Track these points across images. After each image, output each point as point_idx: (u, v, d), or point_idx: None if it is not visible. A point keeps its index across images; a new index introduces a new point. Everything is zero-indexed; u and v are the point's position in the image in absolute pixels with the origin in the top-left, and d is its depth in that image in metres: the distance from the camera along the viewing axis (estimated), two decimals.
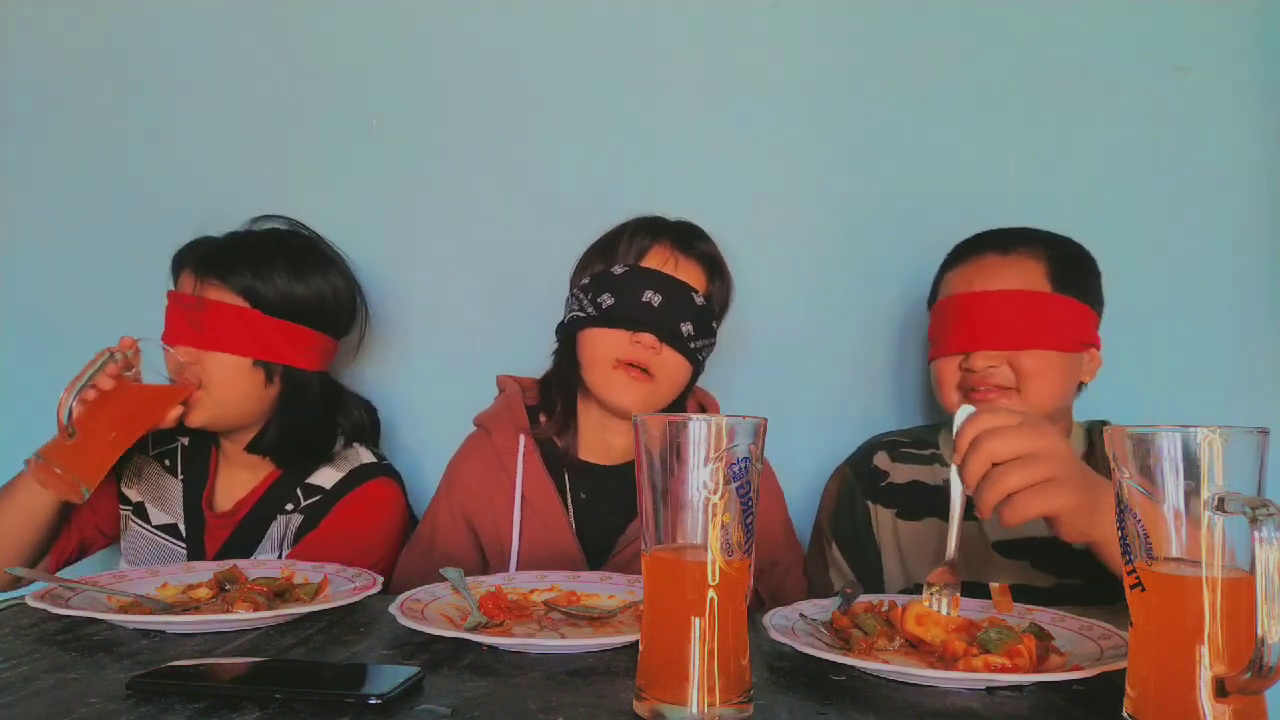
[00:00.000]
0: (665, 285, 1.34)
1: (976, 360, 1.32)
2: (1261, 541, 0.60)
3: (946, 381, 1.37)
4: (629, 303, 1.33)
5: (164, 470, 1.52)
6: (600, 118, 1.75)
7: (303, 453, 1.49)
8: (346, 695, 0.74)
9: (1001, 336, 1.31)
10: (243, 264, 1.43)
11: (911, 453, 1.46)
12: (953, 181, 1.68)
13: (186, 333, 1.40)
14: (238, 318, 1.41)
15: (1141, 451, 0.67)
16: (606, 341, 1.35)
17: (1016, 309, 1.31)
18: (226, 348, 1.40)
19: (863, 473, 1.46)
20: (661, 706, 0.70)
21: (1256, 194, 1.63)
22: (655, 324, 1.33)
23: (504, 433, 1.43)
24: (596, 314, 1.35)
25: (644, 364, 1.34)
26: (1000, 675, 0.80)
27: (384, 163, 1.79)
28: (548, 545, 1.38)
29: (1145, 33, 1.66)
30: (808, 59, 1.72)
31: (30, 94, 1.87)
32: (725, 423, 0.71)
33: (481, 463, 1.43)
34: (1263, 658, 0.60)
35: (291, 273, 1.46)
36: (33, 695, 0.77)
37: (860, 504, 1.44)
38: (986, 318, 1.32)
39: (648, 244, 1.38)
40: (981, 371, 1.32)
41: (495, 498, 1.40)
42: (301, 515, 1.47)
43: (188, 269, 1.45)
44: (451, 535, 1.41)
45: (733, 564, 0.71)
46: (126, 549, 1.51)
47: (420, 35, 1.79)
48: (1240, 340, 1.62)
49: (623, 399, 1.35)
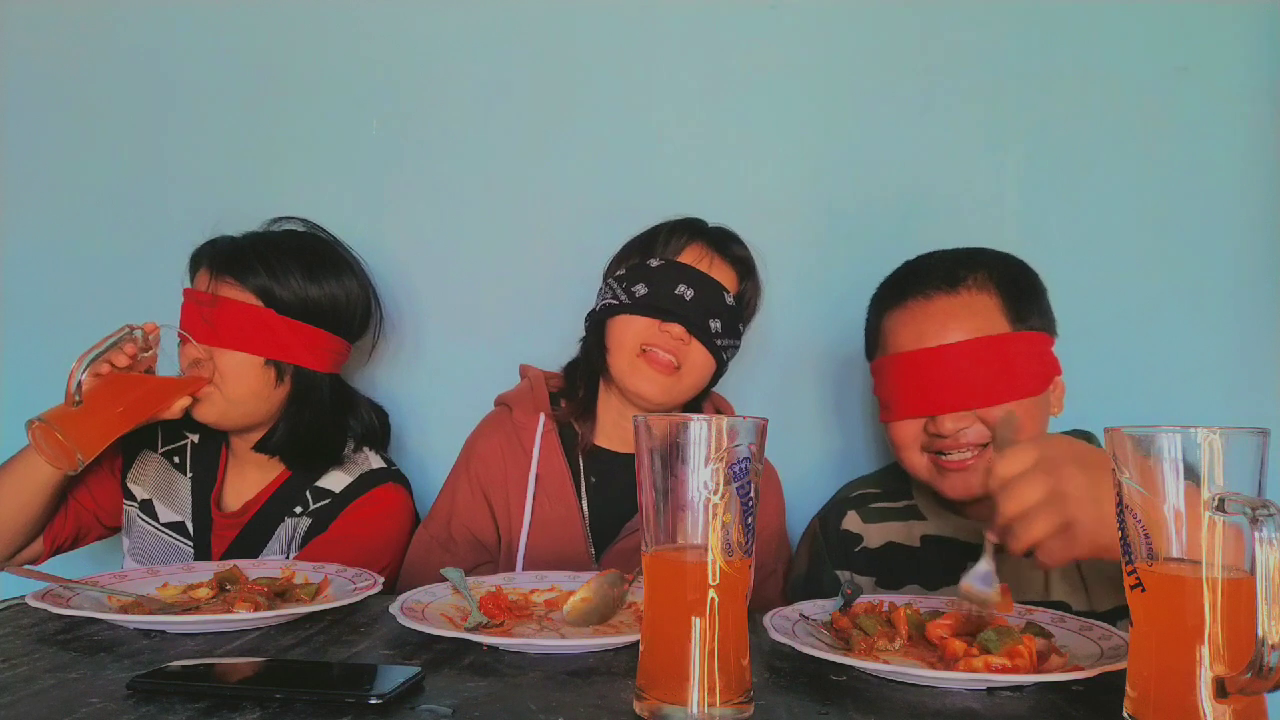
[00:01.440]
0: (699, 281, 1.36)
1: (945, 424, 1.21)
2: (1261, 542, 0.60)
3: (908, 444, 1.27)
4: (662, 293, 1.35)
5: (173, 468, 1.52)
6: (601, 118, 1.75)
7: (311, 454, 1.49)
8: (346, 695, 0.74)
9: (968, 395, 1.20)
10: (258, 264, 1.43)
11: (885, 508, 1.37)
12: (953, 182, 1.68)
13: (200, 329, 1.40)
14: (251, 316, 1.41)
15: (1141, 451, 0.67)
16: (635, 328, 1.37)
17: (980, 362, 1.20)
18: (239, 345, 1.41)
19: (832, 536, 1.38)
20: (662, 706, 0.70)
21: (1256, 194, 1.63)
22: (686, 316, 1.35)
23: (525, 411, 1.46)
24: (629, 301, 1.37)
25: (672, 352, 1.36)
26: (1000, 675, 0.80)
27: (384, 163, 1.79)
28: (557, 525, 1.40)
29: (1146, 33, 1.66)
30: (808, 59, 1.72)
31: (31, 94, 1.86)
32: (726, 423, 0.71)
33: (500, 437, 1.45)
34: (1263, 658, 0.60)
35: (307, 274, 1.46)
36: (33, 695, 0.77)
37: (829, 575, 1.36)
38: (947, 377, 1.20)
39: (685, 241, 1.40)
40: (953, 435, 1.21)
41: (510, 473, 1.43)
42: (310, 518, 1.46)
43: (204, 267, 1.45)
44: (470, 509, 1.43)
45: (733, 564, 0.71)
46: (132, 546, 1.50)
47: (422, 36, 1.79)
48: (1240, 340, 1.62)
49: (645, 386, 1.37)
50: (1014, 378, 1.21)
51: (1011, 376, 1.20)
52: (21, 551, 1.43)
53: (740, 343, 1.45)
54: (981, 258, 1.28)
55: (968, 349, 1.20)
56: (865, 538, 1.36)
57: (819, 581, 1.37)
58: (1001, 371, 1.20)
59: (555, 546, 1.37)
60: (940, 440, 1.22)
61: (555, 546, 1.37)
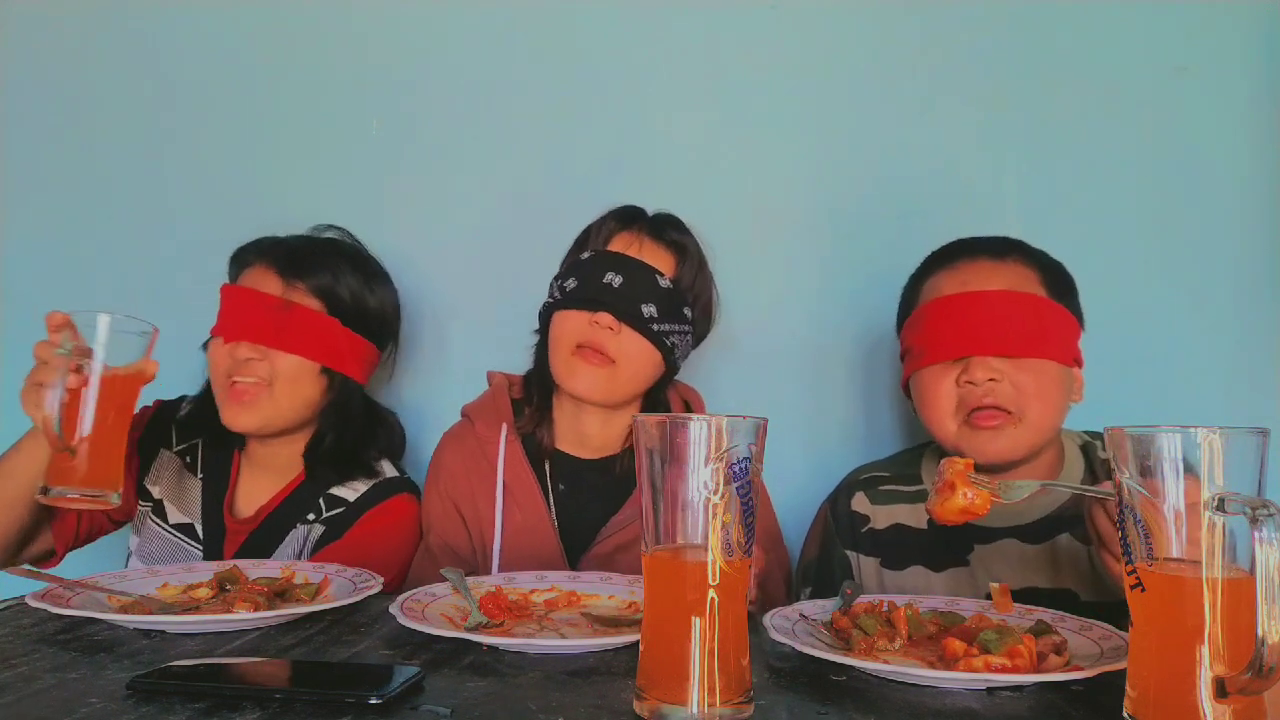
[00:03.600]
0: (625, 266, 1.34)
1: (977, 371, 1.21)
2: (1261, 541, 0.60)
3: (939, 401, 1.26)
4: (590, 284, 1.34)
5: (184, 467, 1.50)
6: (601, 118, 1.75)
7: (350, 464, 1.47)
8: (346, 695, 0.74)
9: (1004, 341, 1.21)
10: (326, 272, 1.44)
11: (894, 490, 1.38)
12: (953, 182, 1.68)
13: (266, 331, 1.38)
14: (319, 324, 1.42)
15: (1141, 451, 0.67)
16: (567, 325, 1.35)
17: (1018, 311, 1.22)
18: (302, 351, 1.40)
19: (841, 517, 1.40)
20: (661, 706, 0.70)
21: (1256, 194, 1.63)
22: (613, 304, 1.32)
23: (487, 422, 1.44)
24: (561, 298, 1.36)
25: (600, 346, 1.33)
26: (1000, 675, 0.80)
27: (384, 163, 1.79)
28: (529, 534, 1.38)
29: (1146, 33, 1.66)
30: (808, 59, 1.72)
31: (31, 95, 1.86)
32: (725, 423, 0.70)
33: (463, 450, 1.44)
34: (1263, 658, 0.60)
35: (364, 284, 1.48)
36: (33, 695, 0.77)
37: (840, 555, 1.38)
38: (986, 319, 1.22)
39: (614, 229, 1.39)
40: (983, 386, 1.21)
41: (477, 486, 1.41)
42: (323, 526, 1.45)
43: (269, 268, 1.43)
44: (444, 523, 1.42)
45: (733, 564, 0.71)
46: (140, 545, 1.47)
47: (422, 36, 1.79)
48: (1240, 340, 1.62)
49: (579, 385, 1.34)
50: (1047, 338, 1.23)
51: (1045, 335, 1.23)
52: (30, 547, 1.38)
53: (690, 327, 1.40)
54: (1024, 246, 1.32)
55: (1009, 297, 1.24)
56: (873, 519, 1.37)
57: (830, 563, 1.38)
58: (1037, 328, 1.22)
59: (531, 552, 1.35)
60: (972, 390, 1.22)
61: (531, 552, 1.35)
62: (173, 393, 1.54)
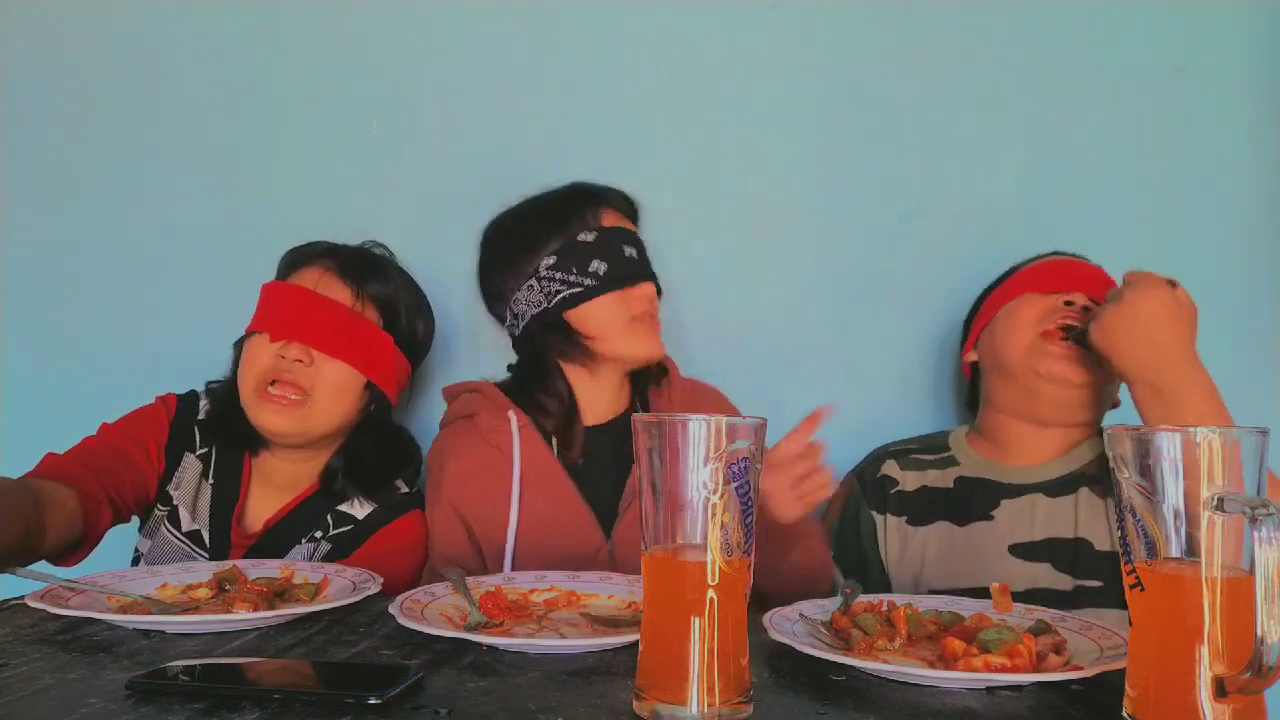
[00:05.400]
0: (630, 238, 1.41)
1: (1080, 297, 1.36)
2: (1261, 541, 0.60)
3: (1032, 320, 1.37)
4: (616, 261, 1.39)
5: (202, 473, 1.45)
6: (600, 118, 1.75)
7: (378, 484, 1.45)
8: (346, 695, 0.74)
9: (1102, 294, 1.34)
10: (390, 287, 1.44)
11: (922, 459, 1.47)
12: (953, 182, 1.68)
13: (317, 333, 1.35)
14: (377, 339, 1.41)
15: (1141, 451, 0.67)
16: (618, 306, 1.39)
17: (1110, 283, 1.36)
18: (357, 363, 1.38)
19: (870, 482, 1.47)
20: (661, 706, 0.70)
21: (1257, 193, 1.63)
22: (641, 272, 1.41)
23: (491, 414, 1.42)
24: (598, 282, 1.37)
25: (652, 314, 1.43)
26: (1000, 675, 0.80)
27: (384, 163, 1.79)
28: (551, 517, 1.36)
29: (1146, 33, 1.66)
30: (808, 59, 1.72)
31: (31, 95, 1.86)
32: (725, 422, 0.70)
33: (468, 449, 1.41)
34: (1262, 658, 0.60)
35: (416, 307, 1.49)
36: (33, 695, 0.77)
37: (865, 516, 1.45)
38: (1089, 276, 1.40)
39: (596, 208, 1.43)
40: (1077, 310, 1.35)
41: (489, 484, 1.38)
42: (330, 544, 1.41)
43: (330, 273, 1.40)
44: (448, 536, 1.40)
45: (733, 564, 0.71)
46: (152, 549, 1.43)
47: (422, 36, 1.79)
48: (1240, 340, 1.62)
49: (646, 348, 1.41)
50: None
51: None
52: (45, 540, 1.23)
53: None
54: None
55: (1102, 273, 1.41)
56: (901, 482, 1.46)
57: (854, 524, 1.46)
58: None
59: (553, 542, 1.34)
60: (1068, 311, 1.35)
61: (553, 542, 1.34)
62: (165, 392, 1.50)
